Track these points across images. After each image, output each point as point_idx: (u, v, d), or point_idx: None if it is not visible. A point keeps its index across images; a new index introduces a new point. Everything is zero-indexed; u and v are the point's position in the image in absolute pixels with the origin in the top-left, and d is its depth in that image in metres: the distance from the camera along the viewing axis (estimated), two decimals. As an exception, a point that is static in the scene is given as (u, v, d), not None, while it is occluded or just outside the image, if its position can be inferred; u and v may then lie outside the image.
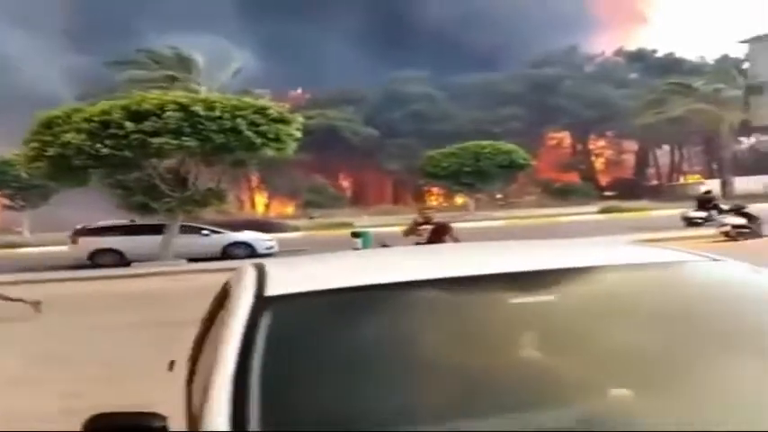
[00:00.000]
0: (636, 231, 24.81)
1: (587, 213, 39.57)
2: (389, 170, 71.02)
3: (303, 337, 2.22)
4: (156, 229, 24.07)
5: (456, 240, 10.18)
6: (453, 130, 61.42)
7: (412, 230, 11.65)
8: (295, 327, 2.26)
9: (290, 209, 66.77)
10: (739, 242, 20.30)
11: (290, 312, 2.28)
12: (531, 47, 74.72)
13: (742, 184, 45.55)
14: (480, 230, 32.33)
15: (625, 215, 36.38)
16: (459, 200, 56.45)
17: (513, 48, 75.39)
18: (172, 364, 3.46)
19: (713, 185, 50.84)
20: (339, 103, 69.58)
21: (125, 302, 14.97)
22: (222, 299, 2.77)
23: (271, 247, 24.98)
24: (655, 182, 74.16)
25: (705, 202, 26.40)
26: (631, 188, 65.24)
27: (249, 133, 21.60)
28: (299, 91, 79.33)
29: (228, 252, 24.32)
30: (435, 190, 65.29)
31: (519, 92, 71.85)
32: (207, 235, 25.01)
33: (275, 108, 22.74)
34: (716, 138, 48.07)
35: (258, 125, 21.86)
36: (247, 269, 2.74)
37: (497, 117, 68.10)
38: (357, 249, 22.87)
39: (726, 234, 21.17)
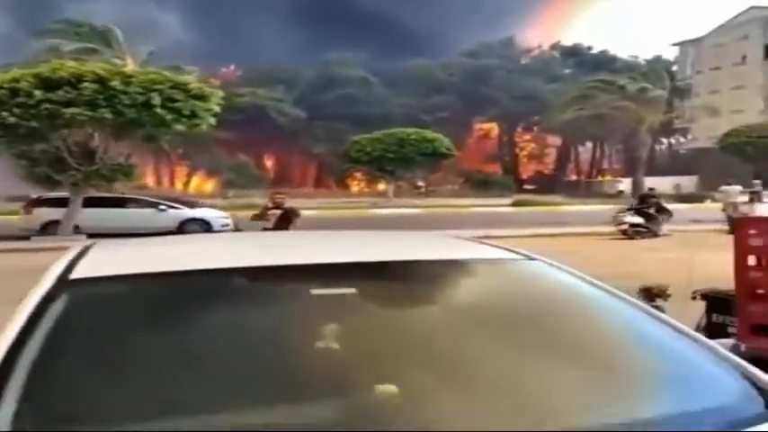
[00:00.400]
0: (538, 225, 25.53)
1: (501, 206, 40.39)
2: (315, 153, 70.75)
3: (90, 326, 2.06)
4: (115, 203, 24.14)
5: (296, 227, 10.06)
6: (383, 116, 61.61)
7: (261, 215, 11.45)
8: (85, 314, 2.10)
9: (210, 186, 65.91)
10: (635, 240, 21.08)
11: (86, 298, 2.13)
12: (468, 36, 75.56)
13: (654, 183, 47.03)
14: (391, 217, 32.71)
15: (536, 209, 37.24)
16: (380, 186, 56.74)
17: (451, 36, 76.13)
18: None
19: (627, 184, 52.68)
20: (271, 83, 68.82)
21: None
22: None
23: (227, 225, 24.75)
24: (573, 177, 76.03)
25: (644, 201, 24.29)
26: (550, 183, 66.81)
27: (160, 110, 21.33)
28: (232, 68, 78.28)
29: (184, 228, 24.13)
30: (358, 175, 65.33)
31: (452, 80, 72.40)
32: (164, 210, 24.83)
33: (194, 84, 22.52)
34: (635, 137, 49.48)
35: (175, 101, 21.61)
36: (72, 248, 2.57)
37: (428, 105, 68.53)
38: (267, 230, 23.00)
39: (623, 232, 21.94)
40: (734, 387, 2.00)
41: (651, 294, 6.64)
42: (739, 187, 28.16)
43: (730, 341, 2.81)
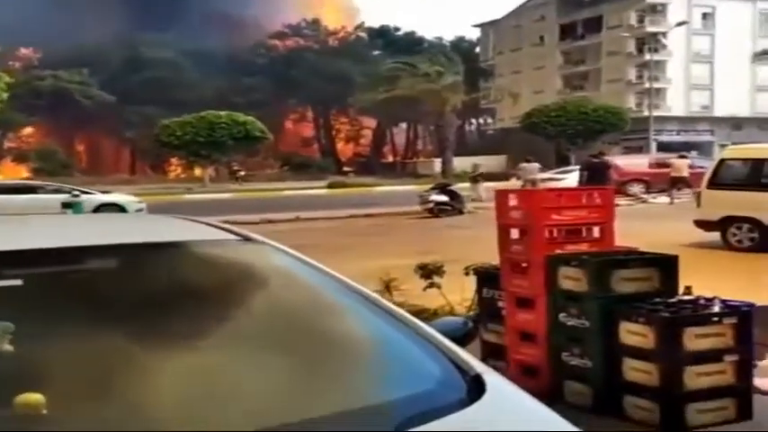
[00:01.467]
0: (351, 207, 25.51)
1: (317, 188, 40.34)
2: (127, 138, 67.73)
3: None
4: (26, 189, 24.37)
5: None
6: (196, 99, 59.68)
7: None
8: None
9: (23, 174, 61.48)
10: (440, 218, 21.51)
11: None
12: (275, 17, 74.54)
13: (462, 163, 48.75)
14: (205, 203, 31.69)
15: (351, 190, 37.43)
16: (197, 171, 55.10)
17: (261, 17, 74.64)
18: None
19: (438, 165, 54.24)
20: (74, 65, 64.74)
21: None
22: None
23: (141, 209, 24.77)
24: (390, 159, 77.58)
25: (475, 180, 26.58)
26: (368, 165, 67.71)
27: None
28: (30, 50, 72.94)
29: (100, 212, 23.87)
30: (174, 160, 63.18)
31: (263, 63, 71.39)
32: (77, 196, 24.23)
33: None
34: (443, 118, 50.99)
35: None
36: None
37: (241, 87, 67.24)
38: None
39: (429, 210, 22.37)
40: (438, 375, 1.96)
41: (428, 271, 6.47)
42: (537, 164, 29.74)
43: (460, 319, 2.70)
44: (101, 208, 24.40)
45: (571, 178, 27.84)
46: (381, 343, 2.16)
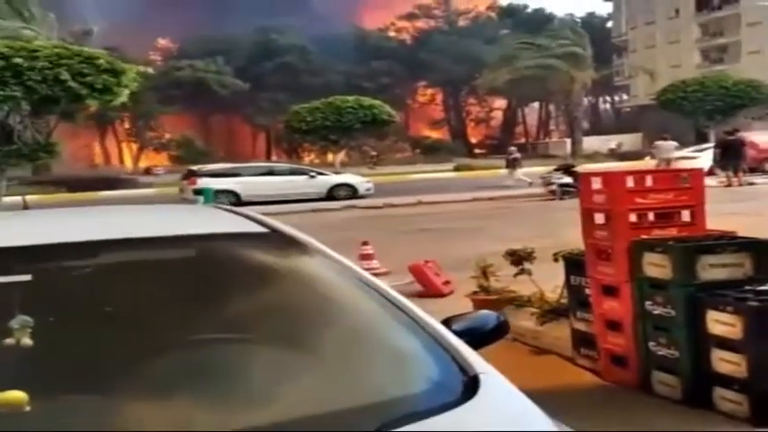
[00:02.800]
0: (476, 190, 25.36)
1: (444, 171, 40.32)
2: (261, 125, 69.92)
3: None
4: (268, 172, 28.47)
5: None
6: (324, 84, 60.87)
7: None
8: None
9: (163, 162, 64.82)
10: (563, 201, 21.01)
11: None
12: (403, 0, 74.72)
13: (593, 143, 47.41)
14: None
15: (476, 173, 37.16)
16: (329, 156, 56.20)
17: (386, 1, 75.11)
18: None
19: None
20: (208, 54, 67.42)
21: None
22: None
23: (369, 189, 27.28)
24: (522, 140, 76.22)
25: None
26: (499, 146, 66.83)
27: (74, 84, 20.56)
28: (168, 40, 76.57)
29: (333, 193, 26.79)
30: (307, 145, 64.56)
31: (391, 46, 71.69)
32: (314, 177, 27.55)
33: (104, 58, 21.73)
34: (570, 97, 49.54)
35: (85, 75, 20.84)
36: None
37: (369, 71, 67.82)
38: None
39: (552, 193, 21.90)
40: (434, 375, 1.98)
41: (518, 257, 6.38)
42: (674, 143, 28.40)
43: (492, 314, 2.53)
44: (334, 188, 26.81)
45: (705, 157, 26.52)
46: (384, 343, 2.17)
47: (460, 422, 1.75)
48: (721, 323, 4.28)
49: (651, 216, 5.05)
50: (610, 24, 76.15)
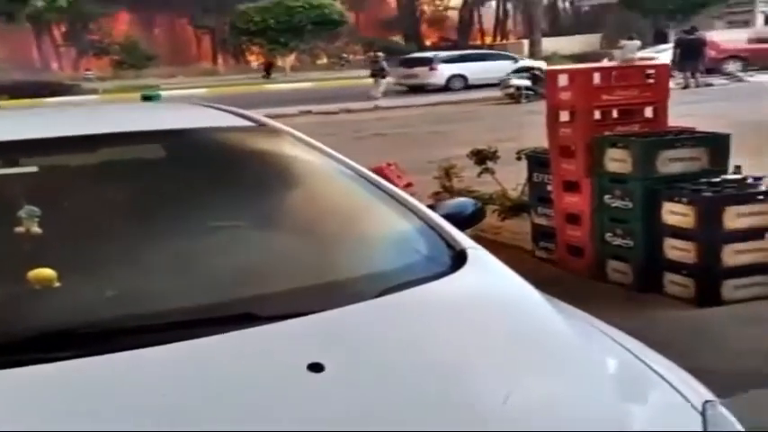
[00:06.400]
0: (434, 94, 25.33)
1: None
2: (207, 26, 67.56)
3: None
4: (479, 57, 32.17)
5: None
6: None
7: None
8: None
9: (103, 67, 62.48)
10: (522, 104, 20.99)
11: None
12: None
13: (553, 44, 46.95)
14: (283, 93, 31.79)
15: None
16: (279, 60, 54.91)
17: None
18: None
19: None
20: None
21: None
22: None
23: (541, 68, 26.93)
24: (478, 41, 75.19)
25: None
26: (454, 49, 65.88)
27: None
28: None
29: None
30: (256, 49, 62.77)
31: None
32: (516, 61, 29.88)
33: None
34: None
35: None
36: None
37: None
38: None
39: (510, 96, 21.89)
40: (425, 249, 2.15)
41: (482, 157, 6.57)
42: (638, 42, 28.13)
43: (469, 201, 2.73)
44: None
45: (664, 57, 26.60)
46: (378, 222, 2.34)
47: (451, 288, 1.94)
48: (676, 213, 4.56)
49: (615, 113, 5.24)
50: None
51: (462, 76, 29.20)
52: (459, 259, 2.05)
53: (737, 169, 4.83)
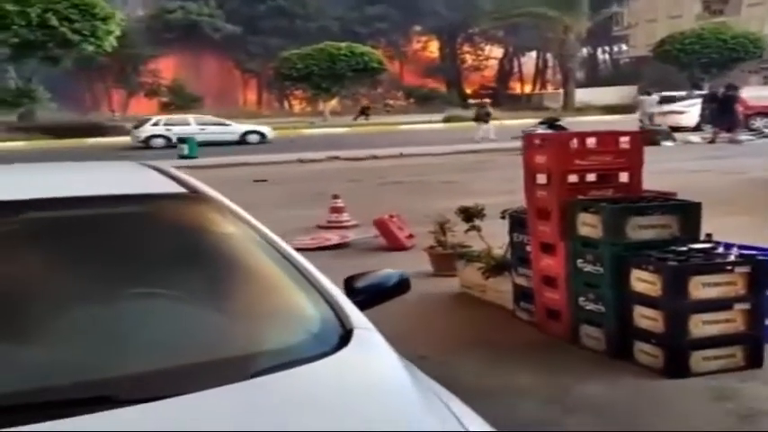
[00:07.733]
0: (464, 142, 25.42)
1: (433, 122, 40.23)
2: (252, 70, 68.95)
3: None
4: None
5: None
6: (318, 29, 59.96)
7: None
8: None
9: (151, 108, 64.03)
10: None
11: None
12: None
13: (587, 95, 47.05)
14: (320, 138, 32.19)
15: (466, 124, 37.17)
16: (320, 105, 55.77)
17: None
18: None
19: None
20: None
21: None
22: None
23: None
24: (517, 91, 75.49)
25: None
26: (494, 96, 66.22)
27: (63, 29, 20.47)
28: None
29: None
30: (299, 93, 63.96)
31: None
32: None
33: (91, 2, 21.60)
34: (564, 46, 48.88)
35: (73, 21, 20.74)
36: None
37: (363, 17, 66.60)
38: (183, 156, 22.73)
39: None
40: (314, 329, 2.12)
41: (469, 214, 6.59)
42: (656, 97, 28.26)
43: (395, 272, 2.65)
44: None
45: (693, 112, 26.46)
46: (274, 298, 2.32)
47: (324, 371, 1.91)
48: (643, 281, 4.51)
49: (593, 177, 5.23)
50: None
51: None
52: (345, 339, 2.03)
53: (708, 237, 4.77)
